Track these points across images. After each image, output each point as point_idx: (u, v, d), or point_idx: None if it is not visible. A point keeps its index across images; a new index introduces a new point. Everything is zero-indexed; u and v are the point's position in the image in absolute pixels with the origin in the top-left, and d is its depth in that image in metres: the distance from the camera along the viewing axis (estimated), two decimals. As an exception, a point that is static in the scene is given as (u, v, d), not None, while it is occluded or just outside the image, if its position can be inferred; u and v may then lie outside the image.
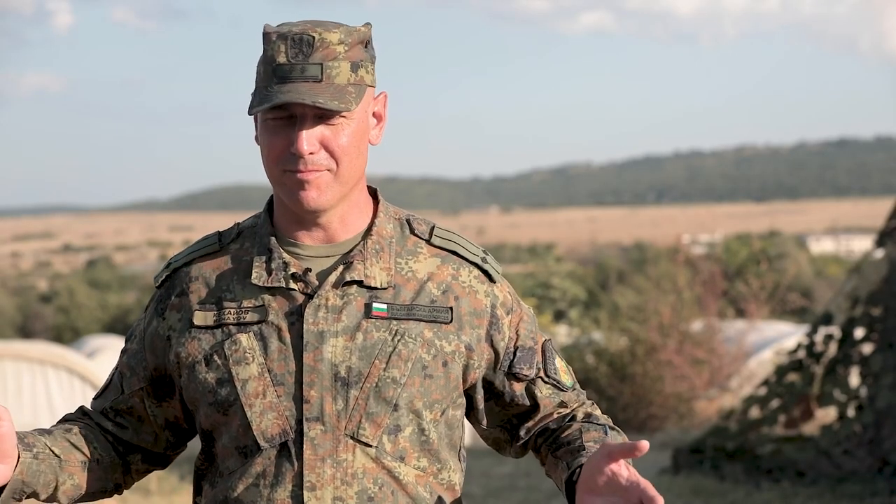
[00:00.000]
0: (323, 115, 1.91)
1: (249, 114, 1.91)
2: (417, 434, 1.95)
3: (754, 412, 10.21)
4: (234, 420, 1.94)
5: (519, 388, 2.06)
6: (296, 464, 1.90)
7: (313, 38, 1.89)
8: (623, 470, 1.80)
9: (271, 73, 1.90)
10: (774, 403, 10.07)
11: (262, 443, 1.91)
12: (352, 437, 1.91)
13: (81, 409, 2.12)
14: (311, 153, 1.90)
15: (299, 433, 1.91)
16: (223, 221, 2.13)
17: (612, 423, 2.10)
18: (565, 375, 2.10)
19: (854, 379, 9.88)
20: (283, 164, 1.92)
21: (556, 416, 2.10)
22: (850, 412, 9.62)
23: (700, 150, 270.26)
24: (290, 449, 1.91)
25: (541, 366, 2.07)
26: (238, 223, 2.08)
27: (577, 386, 2.14)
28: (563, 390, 2.09)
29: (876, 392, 9.34)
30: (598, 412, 2.12)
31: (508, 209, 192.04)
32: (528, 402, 2.08)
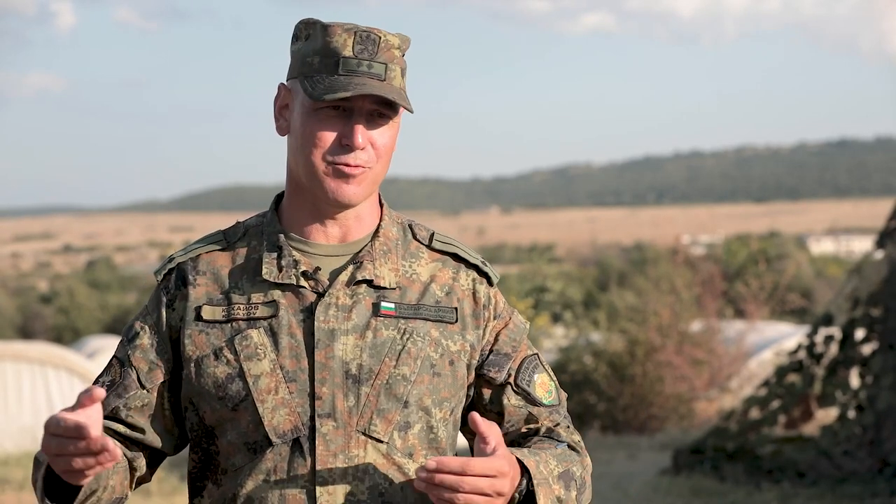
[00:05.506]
0: (373, 113, 1.95)
1: (319, 99, 1.91)
2: (426, 431, 1.98)
3: (754, 413, 10.21)
4: (243, 416, 1.94)
5: (487, 393, 2.05)
6: (308, 459, 1.92)
7: (379, 37, 1.93)
8: (488, 447, 1.82)
9: (334, 65, 1.92)
10: (775, 404, 10.07)
11: (274, 439, 1.92)
12: (363, 433, 1.93)
13: None
14: (362, 148, 1.94)
15: (311, 429, 1.92)
16: (223, 222, 2.13)
17: (576, 444, 2.05)
18: (543, 391, 2.07)
19: (854, 380, 9.88)
20: (330, 154, 1.94)
21: (523, 430, 2.06)
22: (851, 413, 9.62)
23: (700, 150, 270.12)
24: (303, 445, 1.92)
25: (513, 373, 2.05)
26: (241, 221, 2.08)
27: (560, 408, 2.09)
28: (533, 404, 2.06)
29: (877, 393, 9.34)
30: (566, 433, 2.06)
31: (509, 210, 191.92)
32: (494, 410, 2.05)
